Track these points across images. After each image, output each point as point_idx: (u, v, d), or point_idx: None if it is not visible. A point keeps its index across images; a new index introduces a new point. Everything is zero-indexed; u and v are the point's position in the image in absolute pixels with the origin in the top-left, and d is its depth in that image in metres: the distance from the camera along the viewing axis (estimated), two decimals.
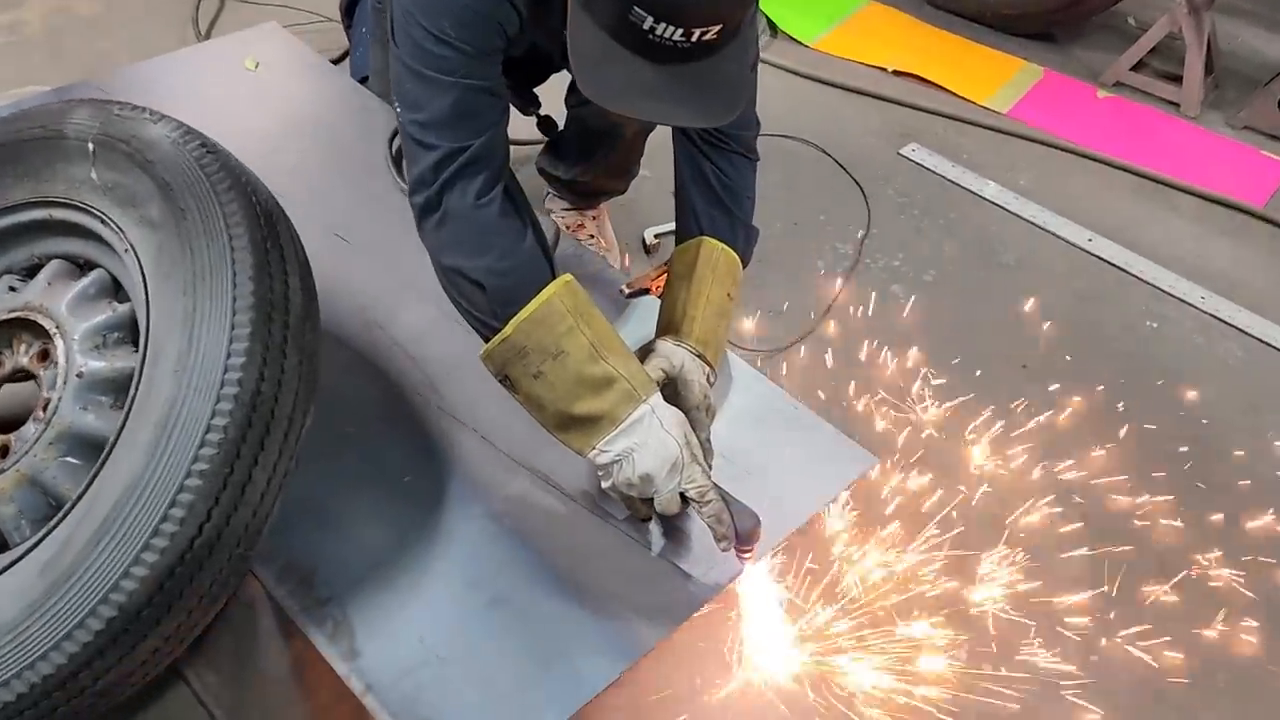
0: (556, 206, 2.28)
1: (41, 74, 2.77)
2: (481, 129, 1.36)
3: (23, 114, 1.54)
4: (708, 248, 1.58)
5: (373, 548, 1.37)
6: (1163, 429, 2.08)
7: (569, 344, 1.33)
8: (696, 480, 1.31)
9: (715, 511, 1.31)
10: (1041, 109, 2.99)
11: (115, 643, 1.18)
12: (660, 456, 1.31)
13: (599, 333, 1.36)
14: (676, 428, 1.33)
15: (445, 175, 1.36)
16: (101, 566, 1.17)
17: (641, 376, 1.35)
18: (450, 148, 1.35)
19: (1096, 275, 2.46)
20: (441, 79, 1.34)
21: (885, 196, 2.62)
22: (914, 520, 1.84)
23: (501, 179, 1.40)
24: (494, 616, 1.32)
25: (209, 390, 1.22)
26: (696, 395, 1.45)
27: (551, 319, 1.33)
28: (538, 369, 1.33)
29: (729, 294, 1.58)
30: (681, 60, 1.22)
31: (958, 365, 2.16)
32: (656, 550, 1.41)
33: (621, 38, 1.21)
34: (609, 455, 1.32)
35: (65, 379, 1.37)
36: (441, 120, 1.35)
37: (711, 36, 1.20)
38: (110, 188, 1.42)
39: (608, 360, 1.33)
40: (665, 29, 1.17)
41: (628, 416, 1.31)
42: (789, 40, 3.25)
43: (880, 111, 2.96)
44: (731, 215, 1.62)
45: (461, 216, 1.36)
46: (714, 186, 1.61)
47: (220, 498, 1.21)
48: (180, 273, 1.31)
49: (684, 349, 1.48)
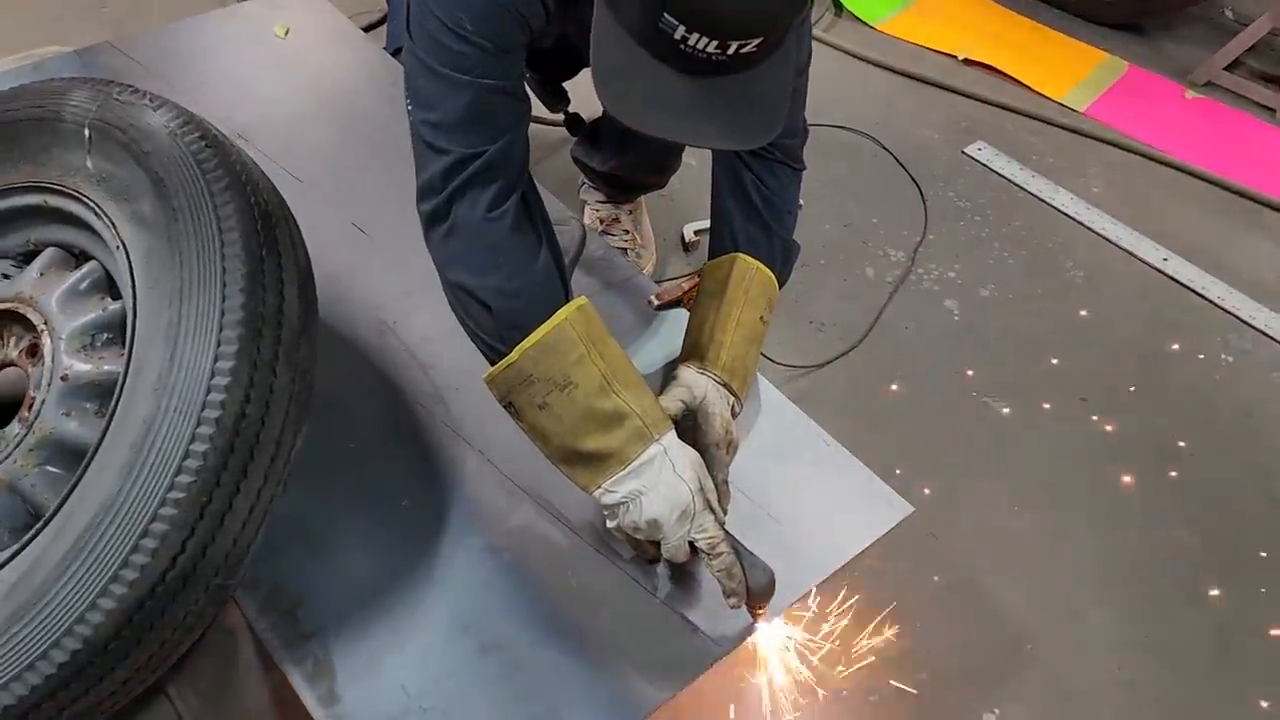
0: (591, 198, 2.16)
1: (75, 30, 2.70)
2: (498, 134, 1.25)
3: (22, 90, 1.45)
4: (741, 266, 1.46)
5: (362, 580, 1.29)
6: (1227, 477, 1.92)
7: (579, 374, 1.22)
8: (708, 531, 1.21)
9: (726, 565, 1.20)
10: (1122, 108, 2.78)
11: (80, 675, 1.10)
12: (670, 502, 1.20)
13: (612, 363, 1.25)
14: (690, 471, 1.22)
15: (456, 183, 1.24)
16: (68, 595, 1.09)
17: (655, 413, 1.25)
18: (463, 153, 1.24)
19: (1170, 299, 2.28)
20: (457, 77, 1.23)
21: (945, 199, 2.45)
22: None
23: (517, 189, 1.28)
24: (485, 664, 1.22)
25: (189, 412, 1.13)
26: (717, 431, 1.34)
27: (562, 346, 1.23)
28: (543, 400, 1.23)
29: (761, 317, 1.46)
30: (715, 73, 1.09)
31: (1011, 394, 2.02)
32: (662, 595, 1.31)
33: (650, 45, 1.08)
34: (615, 496, 1.22)
35: (50, 380, 1.29)
36: (455, 122, 1.24)
37: (751, 49, 1.07)
38: (104, 178, 1.33)
39: (620, 394, 1.23)
40: (698, 40, 1.05)
41: (638, 457, 1.21)
42: (853, 20, 3.07)
43: (946, 104, 2.78)
44: (770, 231, 1.49)
45: (470, 230, 1.25)
46: (753, 199, 1.48)
47: (197, 528, 1.12)
48: (168, 280, 1.22)
49: (708, 378, 1.37)
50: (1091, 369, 2.09)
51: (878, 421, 1.94)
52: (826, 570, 1.39)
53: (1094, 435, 1.97)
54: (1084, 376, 2.08)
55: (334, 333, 1.59)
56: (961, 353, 2.10)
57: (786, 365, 1.99)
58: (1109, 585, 1.73)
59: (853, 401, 1.98)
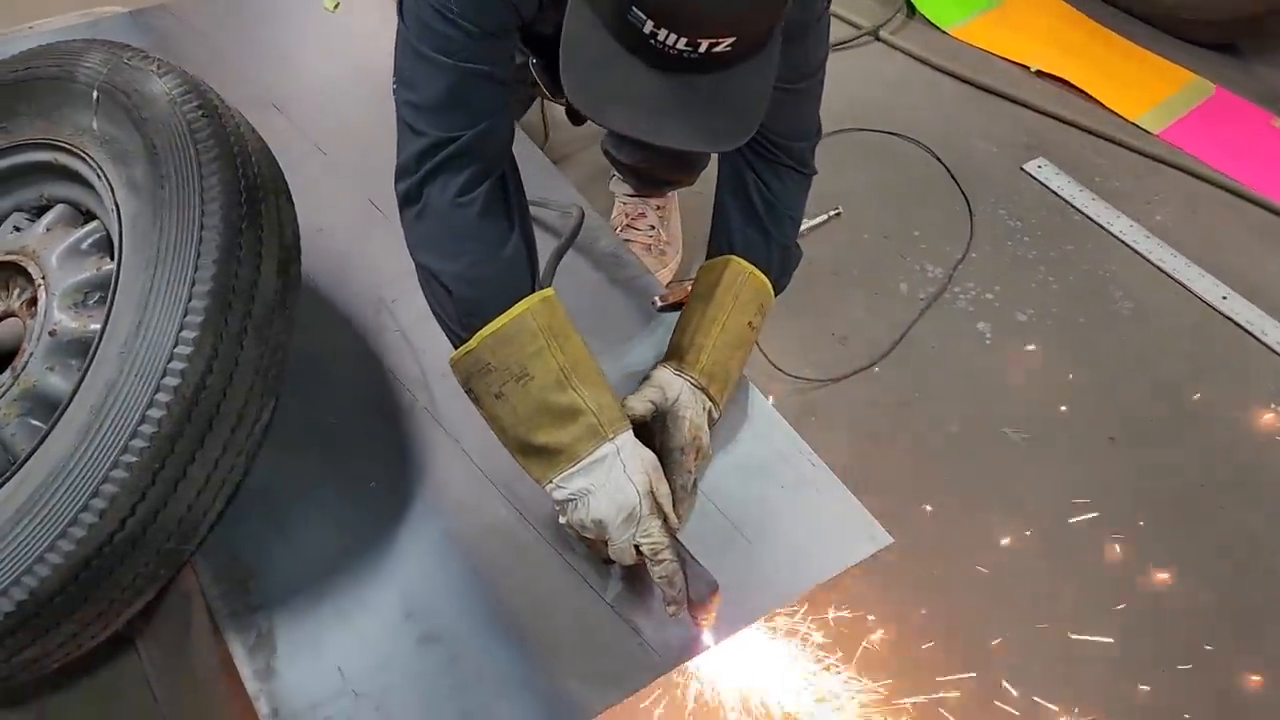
0: (620, 191, 2.13)
1: None
2: (476, 119, 1.23)
3: (46, 49, 1.49)
4: (734, 269, 1.42)
5: (317, 557, 1.30)
6: (1254, 534, 1.80)
7: (536, 367, 1.21)
8: (652, 536, 1.18)
9: (667, 573, 1.18)
10: (1201, 134, 2.62)
11: (26, 624, 1.14)
12: (616, 503, 1.19)
13: (572, 357, 1.24)
14: (640, 474, 1.20)
15: (429, 166, 1.24)
16: (19, 546, 1.13)
17: (612, 411, 1.23)
18: (439, 136, 1.23)
19: (1224, 339, 2.14)
20: (440, 60, 1.21)
21: (995, 217, 2.35)
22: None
23: (491, 175, 1.27)
24: (424, 655, 1.22)
25: (149, 378, 1.15)
26: (685, 434, 1.31)
27: (521, 338, 1.22)
28: (499, 389, 1.23)
29: (750, 323, 1.42)
30: (688, 70, 1.06)
31: (1032, 426, 1.93)
32: (614, 601, 1.28)
33: (622, 37, 1.06)
34: (564, 493, 1.21)
35: (39, 336, 1.33)
36: (435, 104, 1.23)
37: (724, 49, 1.03)
38: (107, 140, 1.37)
39: (577, 390, 1.22)
40: (667, 35, 1.02)
41: (588, 454, 1.20)
42: (925, 23, 2.96)
43: (1011, 116, 2.66)
44: (768, 236, 1.45)
45: (438, 214, 1.25)
46: (753, 201, 1.44)
47: (148, 493, 1.14)
48: (147, 246, 1.24)
49: (684, 380, 1.35)
50: (1126, 407, 1.98)
51: (887, 440, 1.88)
52: (787, 598, 1.36)
53: (1114, 477, 1.86)
54: (1116, 414, 1.97)
55: (332, 305, 1.60)
56: (986, 378, 2.01)
57: (799, 377, 1.93)
58: (1103, 632, 1.64)
59: (864, 419, 1.91)
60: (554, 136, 2.33)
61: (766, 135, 1.41)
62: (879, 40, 2.89)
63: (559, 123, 2.34)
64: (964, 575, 1.70)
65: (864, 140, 2.51)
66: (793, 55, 1.33)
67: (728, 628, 1.28)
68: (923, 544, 1.71)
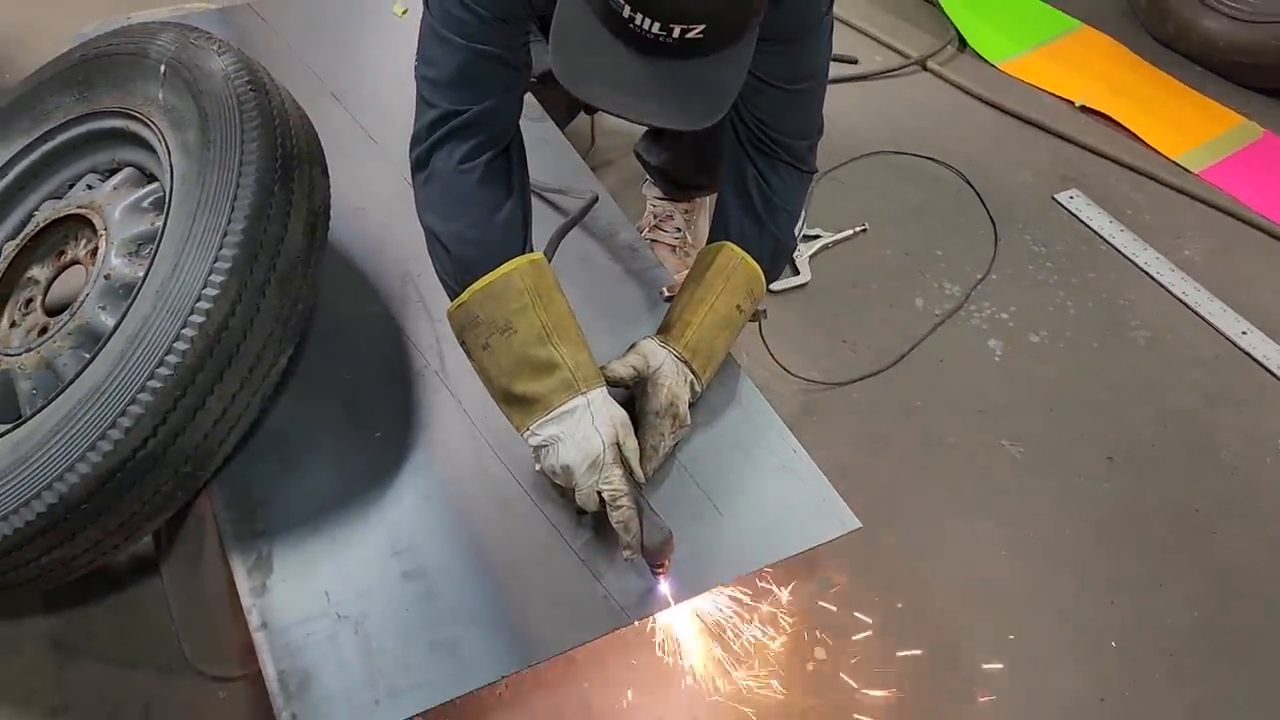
0: (650, 194, 2.24)
1: None
2: (483, 96, 1.37)
3: (126, 29, 1.66)
4: (727, 255, 1.52)
5: (320, 495, 1.41)
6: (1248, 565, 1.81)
7: (519, 322, 1.34)
8: (613, 483, 1.29)
9: (624, 519, 1.28)
10: (1242, 176, 2.62)
11: (56, 527, 1.27)
12: (582, 451, 1.29)
13: (555, 317, 1.35)
14: (607, 426, 1.31)
15: (437, 135, 1.38)
16: (53, 456, 1.27)
17: (588, 369, 1.34)
18: (448, 109, 1.37)
19: (1238, 374, 2.15)
20: (455, 40, 1.36)
21: (1020, 242, 2.39)
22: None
23: (494, 148, 1.40)
24: (404, 588, 1.32)
25: (179, 315, 1.29)
26: (661, 400, 1.40)
27: (507, 295, 1.35)
28: (486, 341, 1.35)
29: (739, 306, 1.51)
30: (666, 55, 1.17)
31: (1031, 441, 1.96)
32: (585, 557, 1.37)
33: (607, 22, 1.18)
34: (538, 439, 1.33)
35: (96, 278, 1.48)
36: (446, 80, 1.38)
37: (696, 35, 1.14)
38: (169, 109, 1.52)
39: (556, 346, 1.33)
40: (642, 19, 1.13)
41: (561, 405, 1.31)
42: (974, 56, 3.02)
43: (1049, 147, 2.70)
44: (762, 226, 1.54)
45: (442, 178, 1.39)
46: (751, 193, 1.54)
47: (169, 417, 1.28)
48: (191, 199, 1.39)
49: (668, 351, 1.44)
50: (1130, 431, 2.01)
51: (884, 445, 1.93)
52: (750, 566, 1.42)
53: (1110, 497, 1.89)
54: (1119, 437, 1.99)
55: (364, 275, 1.73)
56: (991, 393, 2.05)
57: (805, 379, 2.00)
58: (1082, 651, 1.67)
59: (865, 422, 1.97)
60: (599, 143, 2.46)
61: (767, 132, 1.51)
62: (926, 70, 2.96)
63: (605, 129, 2.47)
64: (947, 576, 1.75)
65: (899, 162, 2.58)
66: (793, 57, 1.44)
67: (689, 589, 1.36)
68: (909, 542, 1.76)
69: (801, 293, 2.23)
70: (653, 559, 1.29)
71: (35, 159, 1.69)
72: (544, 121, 2.02)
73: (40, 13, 2.91)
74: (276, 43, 2.19)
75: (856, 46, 3.02)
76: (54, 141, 1.67)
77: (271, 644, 1.25)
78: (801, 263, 2.27)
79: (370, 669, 1.25)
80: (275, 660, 1.24)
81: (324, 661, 1.25)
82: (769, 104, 1.47)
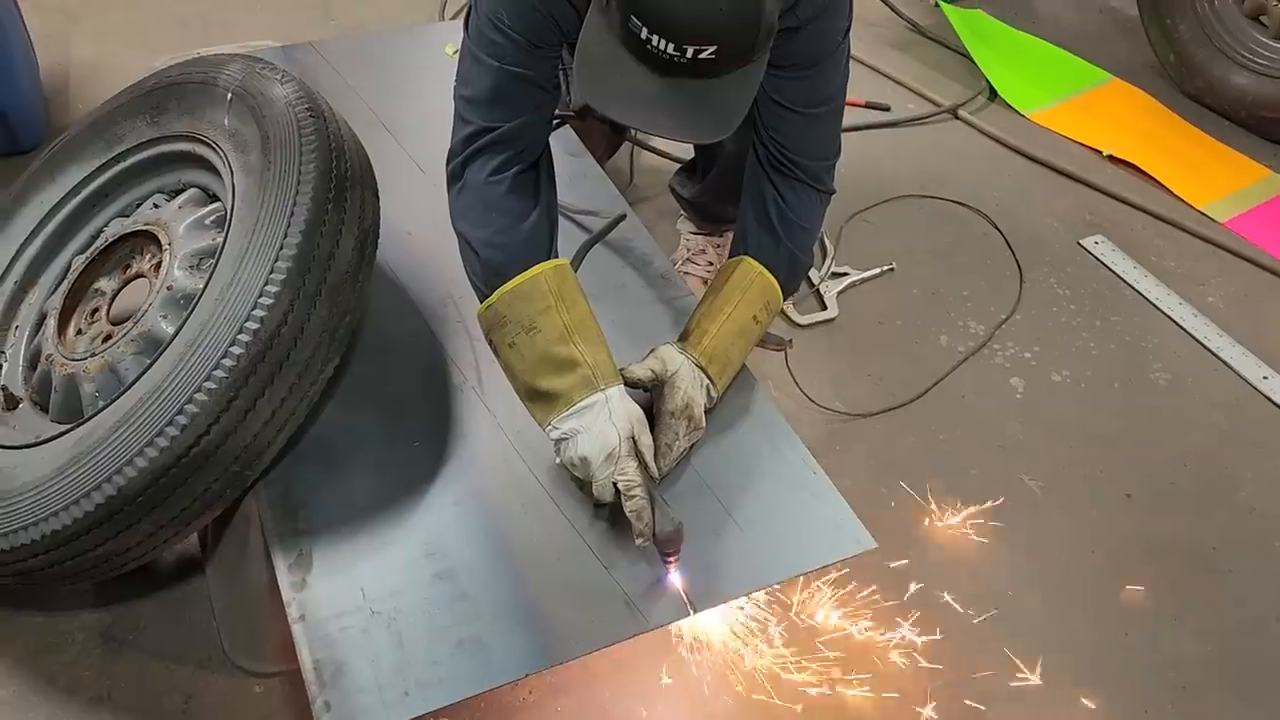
0: (685, 229, 2.32)
1: (307, 32, 3.14)
2: (513, 115, 1.49)
3: (197, 60, 1.78)
4: (744, 267, 1.60)
5: (360, 497, 1.48)
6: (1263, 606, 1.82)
7: (543, 322, 1.43)
8: (627, 474, 1.36)
9: (637, 508, 1.35)
10: (1267, 227, 2.66)
11: (112, 519, 1.35)
12: (599, 443, 1.37)
13: (576, 318, 1.44)
14: (624, 421, 1.38)
15: (471, 149, 1.50)
16: (113, 452, 1.35)
17: (606, 368, 1.42)
18: (481, 125, 1.49)
19: (1257, 418, 2.17)
20: (489, 62, 1.47)
21: (1045, 285, 2.44)
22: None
23: (522, 162, 1.52)
24: (436, 588, 1.38)
25: (236, 321, 1.37)
26: (677, 402, 1.47)
27: (532, 296, 1.44)
28: (513, 339, 1.45)
29: (755, 317, 1.58)
30: (679, 74, 1.28)
31: (1051, 475, 2.00)
32: (610, 567, 1.42)
33: (627, 44, 1.28)
34: (558, 433, 1.41)
35: (160, 289, 1.58)
36: (480, 99, 1.49)
37: (708, 55, 1.24)
38: (234, 133, 1.63)
39: (577, 345, 1.42)
40: (659, 41, 1.23)
41: (581, 400, 1.39)
42: (1004, 106, 3.10)
43: (1075, 194, 2.75)
44: (779, 241, 1.63)
45: (474, 189, 1.51)
46: (769, 210, 1.63)
47: (221, 417, 1.35)
48: (251, 215, 1.48)
49: (685, 357, 1.51)
50: (1149, 469, 2.03)
51: (903, 474, 1.97)
52: (769, 580, 1.47)
53: (1128, 532, 1.91)
54: (1138, 474, 2.02)
55: (409, 295, 1.81)
56: (1012, 428, 2.09)
57: (829, 409, 2.05)
58: (1097, 683, 1.69)
59: (886, 452, 2.02)
60: (637, 180, 2.55)
61: (786, 154, 1.60)
62: (957, 118, 3.03)
63: (643, 167, 2.56)
64: (962, 604, 1.78)
65: (928, 206, 2.65)
66: (811, 83, 1.55)
67: (708, 599, 1.41)
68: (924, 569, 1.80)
69: (829, 327, 2.29)
70: (663, 547, 1.37)
71: (106, 179, 1.80)
72: (584, 157, 2.12)
73: (114, 49, 3.08)
74: (334, 78, 2.31)
75: (890, 94, 3.10)
76: (125, 163, 1.78)
77: (309, 635, 1.32)
78: (829, 298, 2.34)
79: (401, 662, 1.30)
80: (312, 651, 1.30)
81: (357, 654, 1.31)
82: (788, 128, 1.58)
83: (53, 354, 1.62)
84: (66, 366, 1.58)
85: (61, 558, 1.40)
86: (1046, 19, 3.59)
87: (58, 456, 1.41)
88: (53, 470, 1.39)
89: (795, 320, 2.28)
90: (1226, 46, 3.05)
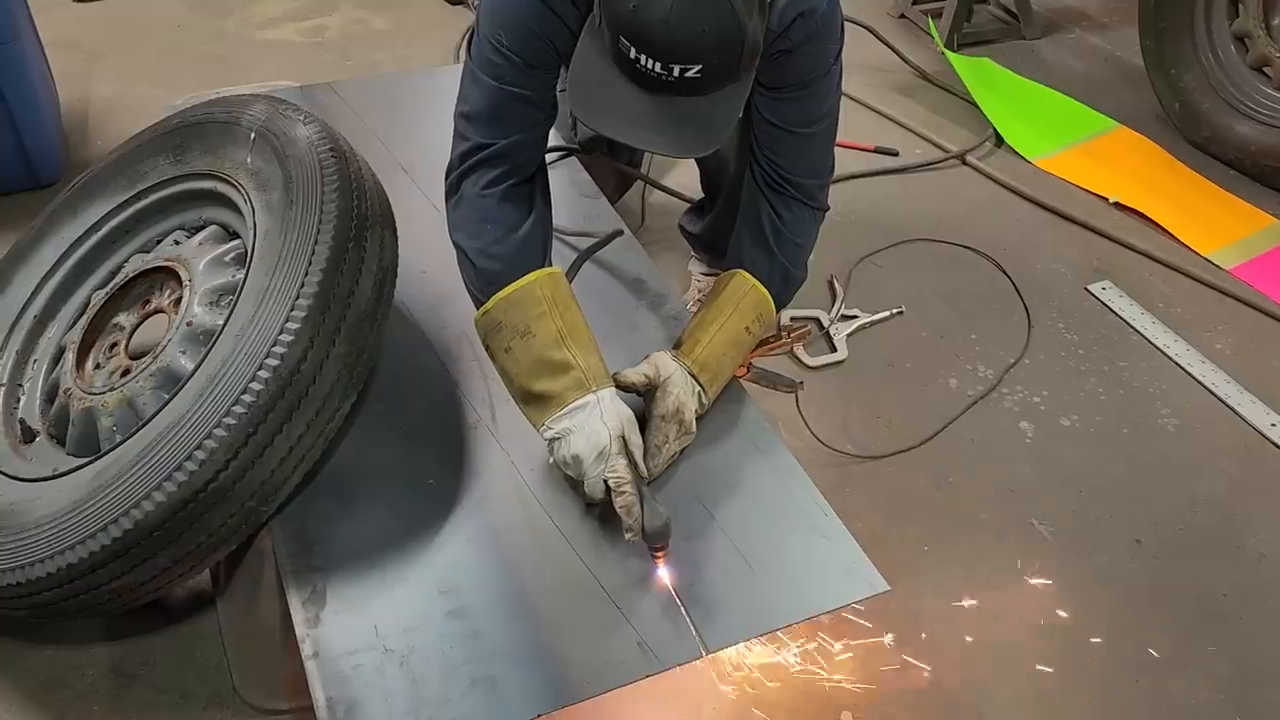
0: (696, 269, 2.35)
1: (324, 72, 3.20)
2: (510, 132, 1.54)
3: (221, 100, 1.81)
4: (738, 281, 1.65)
5: (375, 534, 1.49)
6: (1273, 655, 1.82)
7: (538, 327, 1.48)
8: (617, 471, 1.40)
9: (626, 504, 1.38)
10: (1273, 275, 2.67)
11: (128, 553, 1.36)
12: (591, 442, 1.40)
13: (570, 323, 1.49)
14: (615, 421, 1.42)
15: (468, 164, 1.56)
16: (130, 486, 1.36)
17: (598, 371, 1.47)
18: (479, 141, 1.55)
19: (1266, 464, 2.17)
20: (488, 81, 1.52)
21: (1053, 330, 2.46)
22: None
23: (516, 177, 1.57)
24: (448, 626, 1.39)
25: (256, 358, 1.39)
26: (669, 405, 1.50)
27: (527, 302, 1.49)
28: (508, 344, 1.50)
29: (747, 328, 1.63)
30: (669, 92, 1.33)
31: (1060, 520, 2.00)
32: (623, 607, 1.42)
33: (620, 64, 1.35)
34: (552, 433, 1.45)
35: (179, 325, 1.60)
36: (478, 116, 1.55)
37: (695, 74, 1.30)
38: (255, 172, 1.65)
39: (570, 349, 1.47)
40: (646, 60, 1.29)
41: (574, 401, 1.44)
42: (1011, 153, 3.13)
43: (1081, 241, 2.78)
44: (772, 256, 1.67)
45: (470, 201, 1.56)
46: (764, 226, 1.68)
47: (240, 453, 1.37)
48: (272, 253, 1.50)
49: (678, 364, 1.55)
50: (1158, 515, 2.03)
51: (911, 517, 1.98)
52: (780, 622, 1.47)
53: (1137, 578, 1.91)
54: (1147, 520, 2.02)
55: (424, 332, 1.83)
56: (1021, 473, 2.09)
57: (839, 450, 2.06)
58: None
59: (896, 495, 2.02)
60: (649, 222, 2.58)
61: (780, 172, 1.66)
62: (965, 164, 3.07)
63: (655, 209, 2.59)
64: (971, 647, 1.77)
65: (937, 250, 2.68)
66: (803, 104, 1.60)
67: (719, 640, 1.41)
68: (934, 612, 1.80)
69: (838, 369, 2.31)
70: (652, 542, 1.40)
71: (128, 215, 1.83)
72: (597, 198, 2.15)
73: (134, 87, 3.13)
74: (352, 119, 2.35)
75: (898, 140, 3.14)
76: (147, 200, 1.81)
77: (322, 672, 1.32)
78: (839, 341, 2.36)
79: (413, 700, 1.30)
80: (325, 687, 1.30)
81: (370, 691, 1.31)
82: (783, 147, 1.63)
83: (71, 388, 1.64)
84: (84, 400, 1.60)
85: (76, 591, 1.41)
86: (1052, 67, 3.64)
87: (75, 490, 1.42)
88: (69, 504, 1.40)
89: (806, 363, 2.30)
90: (1231, 97, 3.09)
